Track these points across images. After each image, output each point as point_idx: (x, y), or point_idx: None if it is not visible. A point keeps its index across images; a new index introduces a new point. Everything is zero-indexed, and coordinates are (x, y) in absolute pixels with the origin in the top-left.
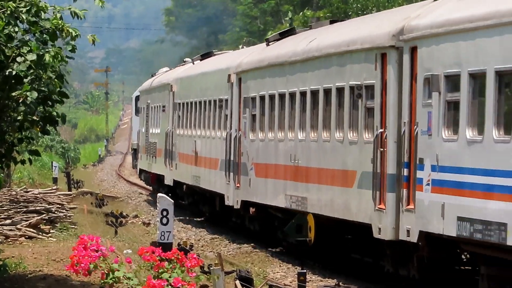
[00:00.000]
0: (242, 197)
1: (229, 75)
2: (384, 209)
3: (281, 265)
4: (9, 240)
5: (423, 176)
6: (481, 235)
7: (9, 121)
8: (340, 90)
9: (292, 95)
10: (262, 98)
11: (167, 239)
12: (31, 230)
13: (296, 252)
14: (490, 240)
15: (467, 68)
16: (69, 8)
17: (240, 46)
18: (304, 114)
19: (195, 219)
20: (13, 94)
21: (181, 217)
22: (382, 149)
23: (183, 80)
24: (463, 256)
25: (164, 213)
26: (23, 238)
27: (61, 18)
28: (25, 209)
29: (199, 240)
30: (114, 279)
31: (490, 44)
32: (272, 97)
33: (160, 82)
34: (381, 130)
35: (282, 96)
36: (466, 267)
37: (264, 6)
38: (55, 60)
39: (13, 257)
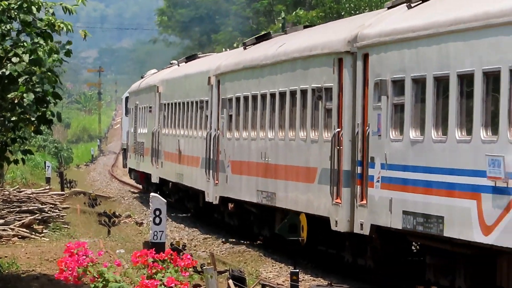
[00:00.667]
0: (220, 193)
1: (209, 78)
2: (340, 203)
3: (274, 264)
4: (2, 240)
5: (374, 174)
6: (422, 228)
7: (2, 121)
8: (304, 92)
9: (263, 97)
10: (238, 99)
11: (160, 239)
12: (24, 230)
13: (288, 251)
14: (430, 232)
15: (410, 74)
16: (61, 4)
17: (234, 45)
18: (274, 115)
19: (179, 215)
20: (9, 96)
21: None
22: (339, 147)
23: (169, 81)
24: (413, 247)
25: (157, 212)
26: (16, 238)
27: (53, 14)
28: (18, 209)
29: (191, 239)
30: (104, 283)
31: (429, 52)
32: (246, 98)
33: (147, 84)
34: (338, 129)
35: (254, 97)
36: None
37: (257, 6)
38: (51, 54)
39: (6, 257)
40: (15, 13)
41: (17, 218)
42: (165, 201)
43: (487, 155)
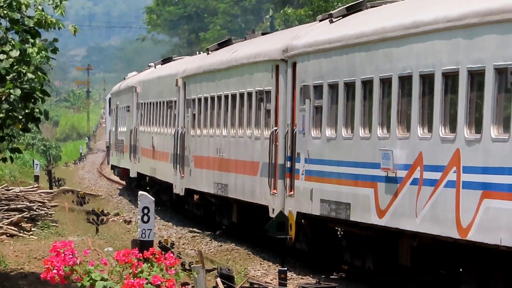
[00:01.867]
0: (185, 186)
1: (177, 80)
2: (276, 193)
3: (262, 262)
4: None
5: (300, 167)
6: (335, 213)
7: None
8: (249, 94)
9: (219, 98)
10: (200, 100)
11: (148, 237)
12: (12, 228)
13: (275, 249)
14: (340, 217)
15: (327, 80)
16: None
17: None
18: (227, 114)
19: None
20: None
21: None
22: (275, 144)
23: (145, 82)
24: (338, 233)
25: (145, 211)
26: (4, 236)
27: (42, 10)
28: (6, 207)
29: (180, 238)
30: (91, 281)
31: (341, 61)
32: (206, 99)
33: (127, 85)
34: (275, 128)
35: (213, 98)
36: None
37: (245, 4)
38: (40, 53)
39: None
40: (4, 11)
41: (5, 216)
42: (153, 199)
43: (380, 149)
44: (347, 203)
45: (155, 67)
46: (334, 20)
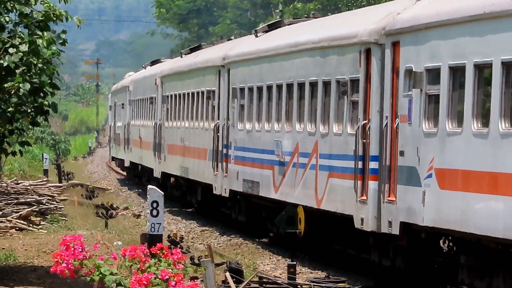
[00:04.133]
0: (162, 170)
1: (155, 79)
2: (217, 174)
3: (271, 257)
4: (0, 232)
5: (231, 154)
6: (251, 190)
7: (0, 113)
8: (199, 93)
9: (185, 95)
10: (172, 96)
11: (157, 231)
12: (22, 222)
13: (285, 244)
14: (254, 193)
15: (247, 84)
16: None
17: (232, 38)
18: (188, 109)
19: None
20: (6, 85)
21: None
22: (218, 134)
23: (135, 81)
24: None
25: (154, 205)
26: (14, 230)
27: (49, 3)
28: (15, 201)
29: (189, 232)
30: (100, 276)
31: (255, 70)
32: (176, 95)
33: (122, 85)
34: (218, 121)
35: (180, 95)
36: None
37: None
38: (49, 45)
39: (3, 249)
40: (11, 5)
41: (15, 210)
42: (163, 193)
43: (275, 139)
44: (257, 182)
45: (145, 68)
46: (258, 35)
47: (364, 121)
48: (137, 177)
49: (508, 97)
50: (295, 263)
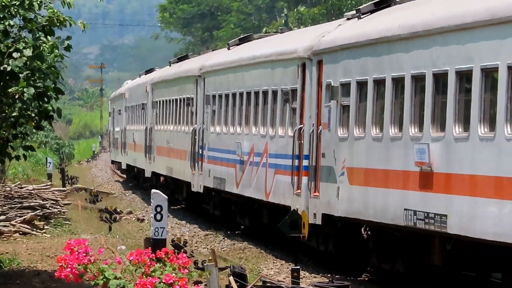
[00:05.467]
0: (152, 169)
1: (146, 86)
2: (195, 173)
3: (275, 261)
4: (3, 236)
5: (205, 154)
6: (219, 186)
7: (4, 117)
8: (181, 100)
9: (171, 101)
10: (160, 102)
11: (161, 235)
12: (25, 226)
13: (288, 247)
14: (221, 188)
15: (218, 91)
16: None
17: None
18: (173, 114)
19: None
20: (10, 90)
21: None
22: (195, 137)
23: (130, 89)
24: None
25: (158, 209)
26: (17, 234)
27: (52, 8)
28: (19, 205)
29: (193, 236)
30: (104, 280)
31: (224, 79)
32: (163, 101)
33: (119, 92)
34: (195, 125)
35: (167, 100)
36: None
37: (259, 3)
38: (53, 51)
39: (7, 253)
40: (15, 10)
41: (19, 214)
42: (166, 197)
43: (236, 141)
44: (224, 178)
45: (139, 77)
46: (230, 48)
47: (300, 125)
48: (134, 178)
49: (397, 107)
50: (298, 267)
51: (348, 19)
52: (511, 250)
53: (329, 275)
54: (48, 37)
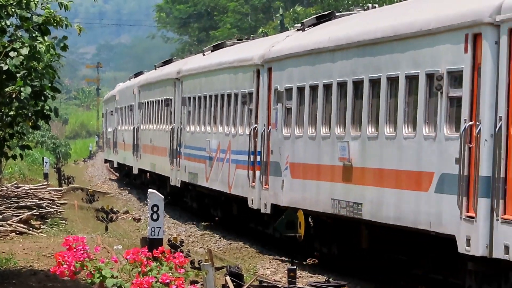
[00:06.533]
0: (139, 166)
1: (133, 89)
2: (173, 168)
3: (271, 261)
4: (0, 235)
5: (182, 151)
6: (193, 180)
7: (0, 117)
8: (161, 101)
9: (153, 102)
10: (145, 103)
11: (158, 235)
12: (22, 225)
13: (286, 248)
14: (193, 182)
15: (191, 94)
16: (57, 0)
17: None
18: (155, 114)
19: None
20: (7, 89)
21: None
22: (174, 135)
23: (120, 91)
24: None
25: (155, 208)
26: (14, 233)
27: (49, 9)
28: (15, 204)
29: (189, 236)
30: (101, 278)
31: (197, 83)
32: (148, 102)
33: (111, 95)
34: (174, 125)
35: (151, 102)
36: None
37: (255, 3)
38: (49, 51)
39: (3, 252)
40: (13, 9)
41: (15, 214)
42: (163, 197)
43: (206, 139)
44: (196, 173)
45: (129, 80)
46: (205, 54)
47: (255, 125)
48: (126, 176)
49: (327, 110)
50: (295, 267)
51: (297, 30)
52: (412, 235)
53: (325, 275)
54: (45, 37)
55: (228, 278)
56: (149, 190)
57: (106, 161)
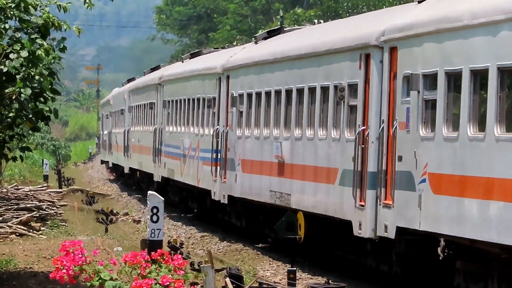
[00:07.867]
0: (129, 165)
1: (124, 94)
2: (156, 165)
3: (271, 262)
4: (0, 237)
5: (163, 149)
6: (171, 176)
7: (0, 118)
8: (148, 104)
9: (140, 105)
10: (133, 106)
11: (157, 237)
12: (22, 227)
13: (286, 249)
14: (171, 177)
15: (171, 97)
16: (55, 2)
17: (234, 43)
18: (142, 116)
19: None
20: (7, 91)
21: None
22: (156, 135)
23: (113, 96)
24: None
25: (154, 210)
26: (14, 235)
27: (48, 12)
28: (16, 206)
29: (189, 237)
30: (100, 281)
31: (176, 88)
32: (136, 106)
33: (107, 99)
34: (156, 125)
35: (138, 105)
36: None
37: (255, 5)
38: (48, 55)
39: (3, 254)
40: (11, 12)
41: (15, 216)
42: (163, 199)
43: (181, 138)
44: (173, 169)
45: (123, 85)
46: (184, 61)
47: (217, 126)
48: (121, 176)
49: (268, 114)
50: (295, 268)
51: (255, 43)
52: (327, 221)
53: (325, 277)
54: (44, 41)
55: (228, 280)
56: (149, 192)
57: (102, 162)
